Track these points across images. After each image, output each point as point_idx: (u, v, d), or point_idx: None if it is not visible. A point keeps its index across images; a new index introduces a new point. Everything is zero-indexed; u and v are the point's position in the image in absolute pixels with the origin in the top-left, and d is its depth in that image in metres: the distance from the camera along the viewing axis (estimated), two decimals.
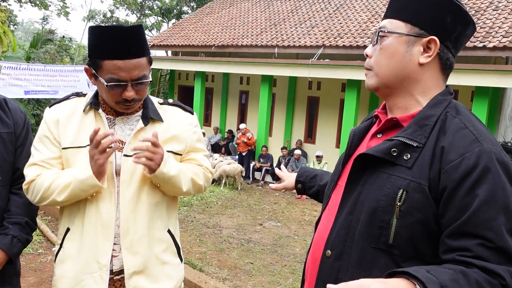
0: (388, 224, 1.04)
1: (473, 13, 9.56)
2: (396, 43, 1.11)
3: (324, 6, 12.94)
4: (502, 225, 0.96)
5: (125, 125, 1.58)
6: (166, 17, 22.96)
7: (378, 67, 1.14)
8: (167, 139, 1.60)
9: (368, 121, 1.29)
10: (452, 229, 0.99)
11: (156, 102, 1.67)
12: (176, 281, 1.65)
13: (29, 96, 9.83)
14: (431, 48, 1.10)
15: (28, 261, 4.34)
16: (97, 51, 1.45)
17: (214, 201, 8.51)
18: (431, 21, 1.09)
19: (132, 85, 1.47)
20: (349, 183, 1.15)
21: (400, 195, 1.03)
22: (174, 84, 15.72)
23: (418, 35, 1.09)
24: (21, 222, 1.68)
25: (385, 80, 1.14)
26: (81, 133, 1.54)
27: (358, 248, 1.09)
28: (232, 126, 13.72)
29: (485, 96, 8.08)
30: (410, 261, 1.04)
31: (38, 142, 1.56)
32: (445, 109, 1.09)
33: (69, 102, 1.61)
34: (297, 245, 6.22)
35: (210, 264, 5.10)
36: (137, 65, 1.45)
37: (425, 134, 1.05)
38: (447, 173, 0.99)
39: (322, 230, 1.23)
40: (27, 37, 42.30)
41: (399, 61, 1.11)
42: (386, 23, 1.14)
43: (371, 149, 1.11)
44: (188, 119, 1.68)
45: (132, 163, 1.52)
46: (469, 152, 0.99)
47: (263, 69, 11.04)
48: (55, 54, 13.03)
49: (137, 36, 1.45)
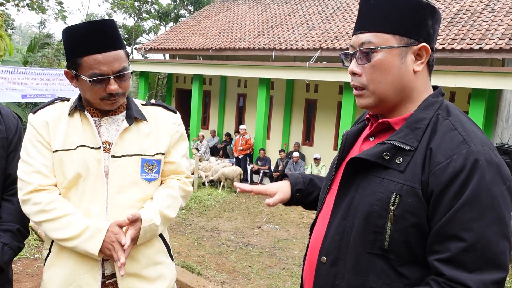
0: (382, 229, 1.03)
1: (469, 15, 9.61)
2: (390, 57, 1.07)
3: (321, 9, 12.98)
4: (486, 227, 0.93)
5: (110, 126, 1.58)
6: (164, 21, 22.99)
7: (374, 84, 1.10)
8: (150, 138, 1.60)
9: (360, 123, 1.28)
10: (434, 230, 0.98)
11: (139, 104, 1.67)
12: (169, 280, 1.66)
13: (27, 100, 9.80)
14: (422, 55, 1.08)
15: (25, 266, 4.31)
16: (75, 50, 1.46)
17: (212, 204, 8.50)
18: (417, 28, 1.07)
19: (114, 78, 1.47)
20: (342, 187, 1.14)
21: (394, 199, 1.01)
22: (172, 87, 15.72)
23: (408, 44, 1.07)
24: (13, 229, 1.64)
25: (383, 96, 1.10)
26: (69, 135, 1.53)
27: (354, 254, 1.07)
28: (230, 129, 13.72)
29: (482, 98, 8.10)
30: (406, 265, 1.03)
31: (31, 148, 1.53)
32: (437, 111, 1.08)
33: (54, 106, 1.61)
34: (295, 247, 6.22)
35: (208, 268, 5.09)
36: (116, 57, 1.46)
37: (417, 137, 1.04)
38: (435, 175, 0.98)
39: (317, 235, 1.21)
40: (25, 41, 42.26)
41: (396, 74, 1.08)
42: (370, 37, 1.08)
43: (363, 153, 1.09)
44: (171, 118, 1.68)
45: (120, 165, 1.53)
46: (457, 154, 0.97)
47: (261, 72, 11.05)
48: (53, 58, 13.04)
49: (112, 29, 1.47)
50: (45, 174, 1.50)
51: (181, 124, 1.72)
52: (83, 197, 1.51)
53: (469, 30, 9.00)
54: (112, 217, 1.51)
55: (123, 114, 1.60)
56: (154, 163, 1.59)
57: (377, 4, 1.09)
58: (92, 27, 1.44)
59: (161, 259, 1.64)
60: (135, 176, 1.56)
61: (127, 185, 1.54)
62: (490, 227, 0.94)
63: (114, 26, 1.49)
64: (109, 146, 1.55)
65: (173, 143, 1.66)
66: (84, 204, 1.51)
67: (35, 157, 1.51)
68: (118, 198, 1.52)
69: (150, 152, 1.58)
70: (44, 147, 1.52)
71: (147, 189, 1.59)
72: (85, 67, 1.45)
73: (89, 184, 1.51)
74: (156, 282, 1.61)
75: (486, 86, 7.84)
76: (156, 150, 1.59)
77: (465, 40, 8.64)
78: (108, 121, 1.58)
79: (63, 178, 1.51)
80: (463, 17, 9.65)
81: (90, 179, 1.51)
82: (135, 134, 1.57)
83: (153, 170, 1.59)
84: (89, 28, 1.44)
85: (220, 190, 9.65)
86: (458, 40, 8.70)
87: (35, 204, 1.48)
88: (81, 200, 1.51)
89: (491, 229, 0.94)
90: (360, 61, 1.11)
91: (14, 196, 1.66)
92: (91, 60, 1.44)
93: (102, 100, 1.51)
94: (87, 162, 1.51)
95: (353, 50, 1.13)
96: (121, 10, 21.13)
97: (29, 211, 1.50)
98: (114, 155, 1.53)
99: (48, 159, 1.52)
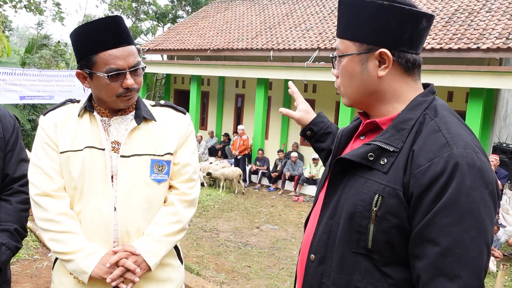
0: (366, 229, 1.03)
1: (466, 15, 9.63)
2: (352, 63, 1.10)
3: (319, 9, 12.99)
4: (463, 232, 0.92)
5: (120, 126, 1.58)
6: (161, 22, 22.97)
7: (344, 88, 1.15)
8: (160, 138, 1.59)
9: (356, 121, 1.29)
10: (414, 233, 0.98)
11: (148, 104, 1.67)
12: (176, 283, 1.66)
13: (25, 101, 9.78)
14: (385, 60, 1.07)
15: (24, 267, 4.31)
16: (88, 48, 1.46)
17: (211, 205, 8.50)
18: (374, 34, 1.06)
19: (130, 73, 1.48)
20: (330, 186, 1.15)
21: (376, 200, 1.01)
22: (170, 88, 15.71)
23: (367, 51, 1.07)
24: (10, 229, 1.64)
25: (353, 99, 1.15)
26: (77, 136, 1.53)
27: (339, 253, 1.08)
28: (228, 130, 13.72)
29: (479, 97, 8.12)
30: (390, 266, 1.03)
31: (40, 150, 1.55)
32: (424, 111, 1.06)
33: (64, 108, 1.61)
34: (294, 247, 6.22)
35: (208, 268, 5.09)
36: (131, 52, 1.48)
37: (402, 138, 1.03)
38: (415, 178, 0.97)
39: (308, 232, 1.23)
40: (23, 42, 42.21)
41: (359, 79, 1.11)
42: (338, 44, 1.14)
43: (349, 153, 1.10)
44: (180, 119, 1.68)
45: (129, 165, 1.52)
46: (438, 158, 0.95)
47: (259, 72, 11.06)
48: (51, 59, 13.01)
49: (124, 25, 1.49)
50: (52, 176, 1.52)
51: (190, 124, 1.71)
52: (92, 197, 1.51)
53: (466, 29, 9.02)
54: (121, 218, 1.52)
55: (132, 114, 1.60)
56: (163, 163, 1.58)
57: (343, 11, 1.12)
58: (105, 23, 1.44)
59: (169, 261, 1.64)
60: (145, 177, 1.55)
61: (136, 185, 1.54)
62: (467, 232, 0.92)
63: (123, 22, 1.50)
64: (118, 146, 1.55)
65: (181, 143, 1.65)
66: (92, 204, 1.51)
67: (43, 159, 1.53)
68: (127, 199, 1.52)
69: (159, 152, 1.57)
70: (52, 149, 1.53)
71: (157, 190, 1.58)
72: (100, 64, 1.45)
73: (97, 184, 1.51)
74: (163, 284, 1.61)
75: (484, 86, 7.86)
76: (165, 150, 1.59)
77: (462, 39, 8.66)
78: (118, 121, 1.58)
79: (71, 178, 1.51)
80: (461, 16, 9.67)
81: (98, 180, 1.51)
82: (144, 134, 1.57)
83: (163, 171, 1.59)
84: (102, 24, 1.44)
85: (220, 191, 9.65)
86: (455, 40, 8.72)
87: (45, 210, 1.49)
88: (89, 200, 1.51)
89: (468, 234, 0.92)
90: (335, 65, 1.18)
91: (12, 196, 1.66)
92: (107, 55, 1.44)
93: (118, 97, 1.51)
94: (94, 163, 1.51)
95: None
96: (119, 11, 21.12)
97: (38, 216, 1.52)
98: (123, 155, 1.53)
99: (55, 161, 1.53)
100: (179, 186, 1.63)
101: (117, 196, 1.52)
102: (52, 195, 1.51)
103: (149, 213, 1.57)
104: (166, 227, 1.56)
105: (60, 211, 1.50)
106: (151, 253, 1.51)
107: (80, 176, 1.50)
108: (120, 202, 1.52)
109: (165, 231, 1.55)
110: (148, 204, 1.56)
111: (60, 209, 1.50)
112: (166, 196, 1.63)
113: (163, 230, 1.55)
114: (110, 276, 1.45)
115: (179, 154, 1.64)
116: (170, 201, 1.61)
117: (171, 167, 1.62)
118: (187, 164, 1.64)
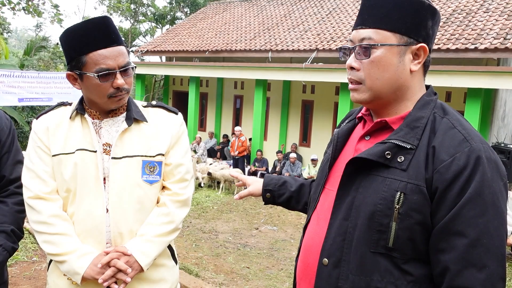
0: (387, 227, 1.03)
1: (464, 15, 9.66)
2: (389, 54, 1.08)
3: (317, 10, 13.01)
4: (489, 222, 0.96)
5: (111, 128, 1.58)
6: (160, 23, 22.99)
7: (371, 80, 1.10)
8: (151, 139, 1.60)
9: (350, 122, 1.28)
10: (439, 227, 1.00)
11: (140, 105, 1.67)
12: (170, 283, 1.66)
13: (23, 103, 9.80)
14: (420, 55, 1.10)
15: (23, 269, 4.31)
16: (78, 48, 1.46)
17: (210, 206, 8.50)
18: (417, 28, 1.08)
19: (120, 73, 1.48)
20: (341, 188, 1.13)
21: (398, 198, 1.02)
22: (169, 89, 15.72)
23: (408, 43, 1.08)
24: (7, 230, 1.64)
25: (379, 93, 1.11)
26: (69, 139, 1.54)
27: (357, 254, 1.07)
28: (227, 131, 13.73)
29: (477, 97, 8.14)
30: (410, 262, 1.04)
31: (33, 153, 1.55)
32: (433, 109, 1.10)
33: (56, 111, 1.62)
34: (293, 248, 6.22)
35: (207, 269, 5.09)
36: (120, 52, 1.48)
37: (417, 136, 1.06)
38: (439, 173, 1.00)
39: (312, 235, 1.21)
40: (21, 44, 42.19)
41: (393, 72, 1.09)
42: (371, 34, 1.09)
43: (364, 152, 1.09)
44: (172, 119, 1.68)
45: (121, 166, 1.53)
46: (459, 152, 0.99)
47: (257, 74, 11.07)
48: (49, 61, 13.03)
49: (113, 25, 1.50)
50: (45, 179, 1.52)
51: (182, 124, 1.71)
52: (84, 199, 1.52)
53: (464, 30, 9.04)
54: (114, 219, 1.52)
55: (123, 116, 1.60)
56: (155, 164, 1.58)
57: (380, 1, 1.10)
58: (95, 24, 1.46)
59: (163, 261, 1.64)
60: (137, 178, 1.55)
61: (128, 187, 1.54)
62: (492, 222, 0.97)
63: (112, 22, 1.51)
64: (110, 148, 1.55)
65: (173, 144, 1.64)
66: (84, 206, 1.52)
67: (35, 162, 1.54)
68: (119, 200, 1.53)
69: (150, 153, 1.57)
70: (44, 152, 1.54)
71: (149, 191, 1.58)
72: (90, 64, 1.46)
73: (89, 186, 1.51)
74: (157, 284, 1.61)
75: (482, 86, 7.88)
76: (156, 151, 1.59)
77: (460, 39, 8.68)
78: (109, 123, 1.58)
79: (63, 181, 1.52)
80: (458, 17, 9.70)
81: (90, 182, 1.52)
82: (136, 135, 1.57)
83: (154, 172, 1.59)
84: (91, 25, 1.46)
85: (219, 192, 9.65)
86: (453, 40, 8.74)
87: (38, 213, 1.50)
88: (82, 202, 1.52)
89: (493, 224, 0.97)
90: (359, 56, 1.11)
91: (9, 198, 1.67)
92: (96, 55, 1.45)
93: (109, 98, 1.51)
94: (86, 165, 1.51)
95: (352, 45, 1.14)
96: (117, 13, 21.13)
97: (32, 218, 1.52)
98: (114, 157, 1.53)
99: (48, 164, 1.53)
100: (171, 187, 1.63)
101: (109, 197, 1.52)
102: (45, 198, 1.51)
103: (142, 214, 1.57)
104: (158, 227, 1.56)
105: (53, 213, 1.50)
106: (143, 254, 1.51)
107: (73, 178, 1.51)
108: (112, 203, 1.52)
109: (157, 231, 1.55)
110: (141, 205, 1.56)
111: (53, 212, 1.50)
112: (158, 196, 1.63)
113: (155, 231, 1.55)
114: (101, 277, 1.45)
115: (171, 154, 1.64)
116: (162, 201, 1.61)
117: (163, 168, 1.62)
118: (179, 164, 1.64)
